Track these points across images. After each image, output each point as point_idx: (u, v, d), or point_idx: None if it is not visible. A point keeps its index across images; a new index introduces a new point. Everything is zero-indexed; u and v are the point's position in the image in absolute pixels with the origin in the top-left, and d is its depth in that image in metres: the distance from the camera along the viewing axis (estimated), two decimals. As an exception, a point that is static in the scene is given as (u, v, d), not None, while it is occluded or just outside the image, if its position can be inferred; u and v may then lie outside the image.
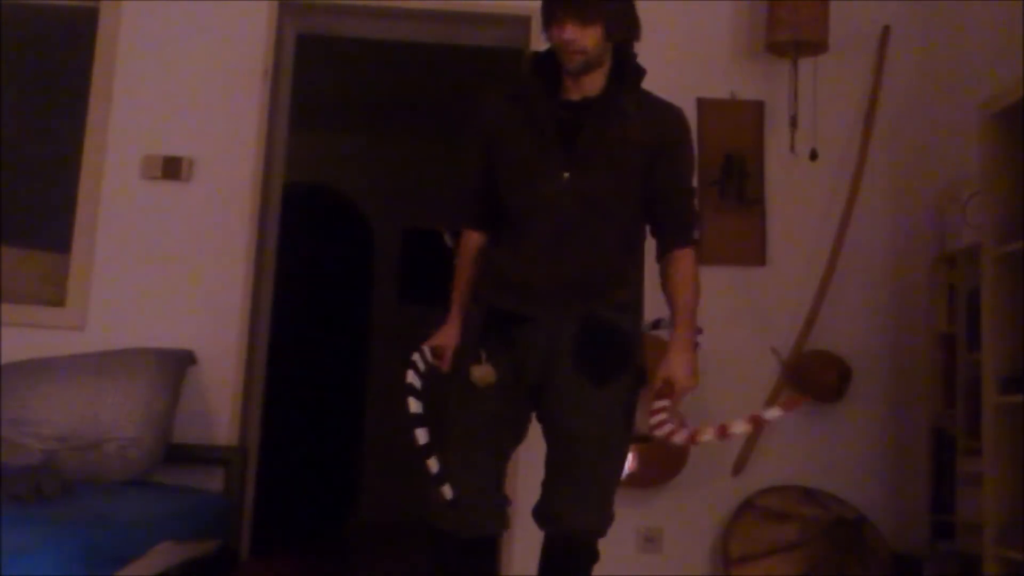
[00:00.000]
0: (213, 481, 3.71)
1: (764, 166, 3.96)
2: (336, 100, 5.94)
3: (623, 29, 2.39)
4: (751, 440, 3.82)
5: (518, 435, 2.48)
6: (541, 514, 2.44)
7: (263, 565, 4.00)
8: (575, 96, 2.42)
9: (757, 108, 3.99)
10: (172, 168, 3.87)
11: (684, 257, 2.47)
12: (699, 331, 2.52)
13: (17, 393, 3.46)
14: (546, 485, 2.44)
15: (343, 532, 5.99)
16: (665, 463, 3.74)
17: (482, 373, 2.37)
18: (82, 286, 3.83)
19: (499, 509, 2.46)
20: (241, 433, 3.83)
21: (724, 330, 3.87)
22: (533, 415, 2.49)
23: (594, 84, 2.42)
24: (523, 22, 4.01)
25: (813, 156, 3.88)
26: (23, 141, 4.04)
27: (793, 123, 3.89)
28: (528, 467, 2.91)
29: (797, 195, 3.96)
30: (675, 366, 2.38)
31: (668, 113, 2.49)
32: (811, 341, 3.85)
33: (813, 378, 3.81)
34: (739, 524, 3.73)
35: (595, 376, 2.36)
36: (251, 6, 3.99)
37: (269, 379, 4.16)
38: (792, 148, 3.91)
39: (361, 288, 6.66)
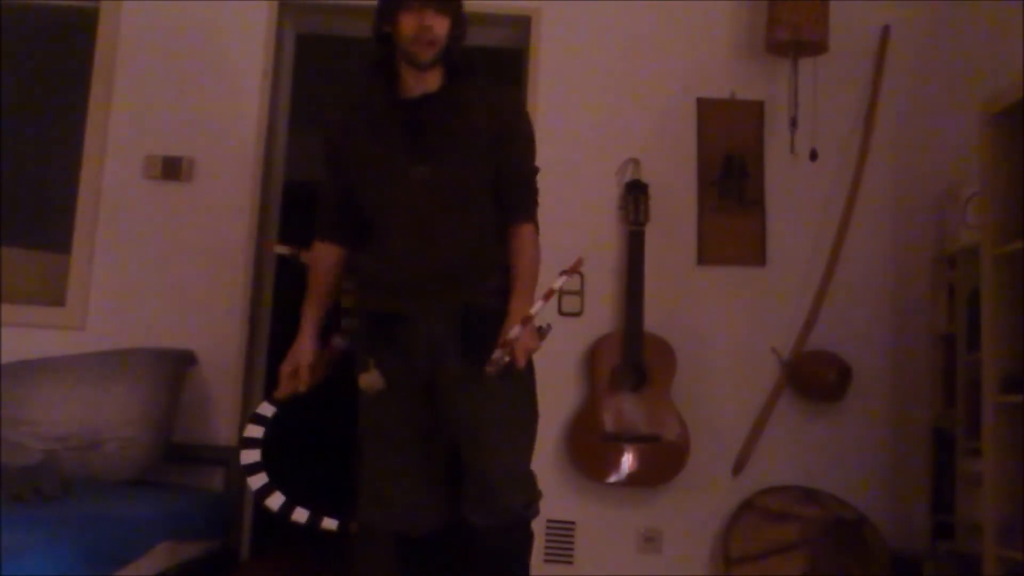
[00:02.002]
0: (213, 481, 3.71)
1: (764, 166, 3.96)
2: (336, 100, 5.92)
3: (463, 24, 2.49)
4: (751, 440, 3.82)
5: (428, 429, 2.47)
6: (465, 509, 2.44)
7: (263, 565, 4.00)
8: (415, 93, 2.48)
9: (757, 108, 3.99)
10: (172, 168, 3.87)
11: (522, 232, 2.51)
12: (548, 327, 2.48)
13: (17, 393, 3.45)
14: (463, 482, 2.45)
15: (344, 532, 5.98)
16: (665, 463, 3.74)
17: (369, 381, 2.41)
18: (82, 286, 3.83)
19: (431, 502, 2.47)
20: (241, 432, 3.82)
21: (724, 330, 3.88)
22: None
23: (433, 80, 2.48)
24: (523, 22, 4.02)
25: (813, 156, 3.88)
26: (23, 141, 4.04)
27: (793, 123, 3.89)
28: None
29: (797, 195, 3.95)
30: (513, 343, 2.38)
31: (503, 98, 2.56)
32: (811, 341, 3.85)
33: (813, 378, 3.81)
34: (739, 524, 3.73)
35: (483, 361, 2.35)
36: (251, 6, 3.99)
37: (269, 379, 4.15)
38: (792, 148, 3.90)
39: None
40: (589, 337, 3.81)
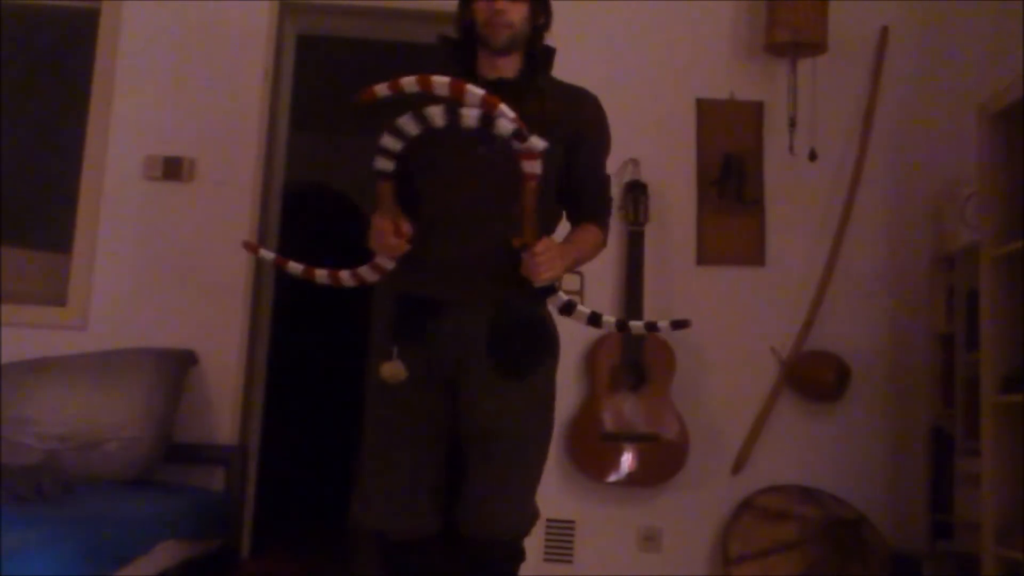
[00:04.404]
0: (214, 480, 3.71)
1: (763, 166, 3.96)
2: (336, 100, 5.93)
3: (545, 11, 2.42)
4: (750, 439, 3.83)
5: (441, 428, 2.36)
6: (461, 517, 2.36)
7: (264, 564, 4.00)
8: (491, 76, 2.37)
9: (756, 109, 3.99)
10: (173, 168, 3.87)
11: (589, 226, 2.48)
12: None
13: (18, 393, 3.46)
14: (465, 486, 2.36)
15: (344, 531, 5.98)
16: (664, 462, 3.75)
17: (392, 370, 2.27)
18: (83, 286, 3.83)
19: (431, 507, 2.37)
20: (242, 432, 3.83)
21: (723, 330, 3.88)
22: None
23: (510, 67, 2.39)
24: (523, 22, 4.01)
25: (812, 156, 3.89)
26: (24, 141, 4.04)
27: (792, 123, 3.90)
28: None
29: (796, 195, 3.96)
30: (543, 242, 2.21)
31: (584, 99, 2.48)
32: (810, 341, 3.85)
33: (812, 378, 3.81)
34: (738, 523, 3.73)
35: (512, 370, 2.31)
36: (251, 6, 3.99)
37: (270, 378, 4.16)
38: (791, 148, 3.91)
39: (360, 287, 6.64)
40: (589, 337, 3.81)
